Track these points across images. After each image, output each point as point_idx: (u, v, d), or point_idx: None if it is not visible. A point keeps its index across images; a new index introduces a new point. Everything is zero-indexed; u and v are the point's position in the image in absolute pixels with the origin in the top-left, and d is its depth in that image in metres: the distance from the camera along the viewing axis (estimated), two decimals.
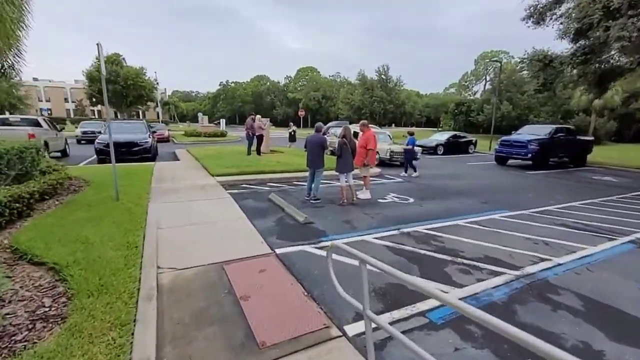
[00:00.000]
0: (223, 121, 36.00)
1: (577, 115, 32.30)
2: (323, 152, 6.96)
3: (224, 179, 8.60)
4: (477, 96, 54.77)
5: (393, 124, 60.79)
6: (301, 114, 36.46)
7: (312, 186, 6.99)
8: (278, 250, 4.32)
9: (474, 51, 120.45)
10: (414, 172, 10.84)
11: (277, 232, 5.05)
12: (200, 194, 7.01)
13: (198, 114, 43.79)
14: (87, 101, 45.80)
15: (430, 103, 77.12)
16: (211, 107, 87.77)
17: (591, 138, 17.32)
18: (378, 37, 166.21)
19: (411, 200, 7.52)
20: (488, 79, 60.92)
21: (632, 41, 9.70)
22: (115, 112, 43.57)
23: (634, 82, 25.05)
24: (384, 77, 50.38)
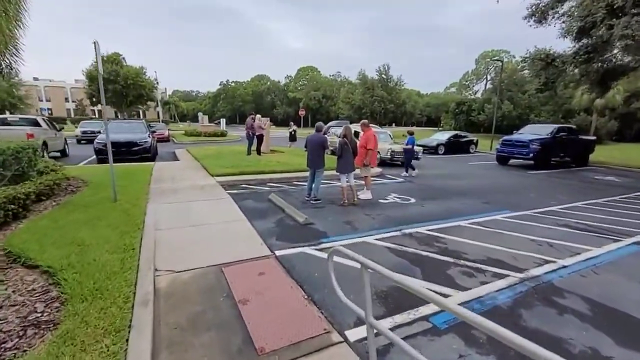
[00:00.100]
0: (223, 121, 35.96)
1: (579, 114, 32.21)
2: (323, 152, 6.88)
3: (224, 179, 8.53)
4: (478, 95, 54.61)
5: (394, 124, 60.71)
6: (301, 114, 36.29)
7: (313, 186, 6.91)
8: (278, 252, 4.25)
9: (475, 51, 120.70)
10: (413, 171, 10.80)
11: (277, 234, 4.98)
12: (199, 195, 6.94)
13: (198, 114, 43.74)
14: (88, 101, 45.75)
15: (430, 102, 77.00)
16: (211, 107, 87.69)
17: (593, 138, 17.25)
18: (378, 37, 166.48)
19: (412, 200, 7.45)
20: (489, 79, 60.79)
21: (636, 40, 9.60)
22: (115, 112, 43.50)
23: (636, 82, 25.01)
24: (385, 77, 50.27)
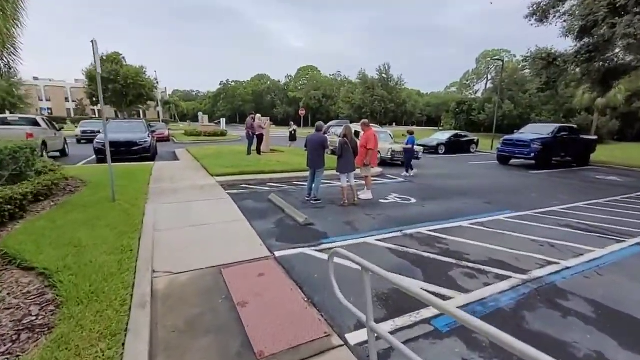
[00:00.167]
0: (223, 120, 35.93)
1: (579, 114, 32.12)
2: (324, 152, 6.84)
3: (224, 179, 8.49)
4: (479, 95, 54.49)
5: (394, 123, 60.59)
6: (302, 113, 36.21)
7: (313, 186, 6.86)
8: (277, 253, 4.20)
9: (475, 51, 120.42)
10: (411, 171, 10.75)
11: (277, 234, 4.93)
12: (199, 195, 6.90)
13: (198, 113, 43.71)
14: (88, 100, 45.72)
15: (431, 102, 76.82)
16: (212, 107, 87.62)
17: (594, 137, 17.18)
18: (378, 37, 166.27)
19: (413, 200, 7.40)
20: (489, 78, 60.58)
21: (638, 39, 9.54)
22: (115, 112, 43.45)
23: (637, 81, 24.92)
24: (385, 76, 50.19)
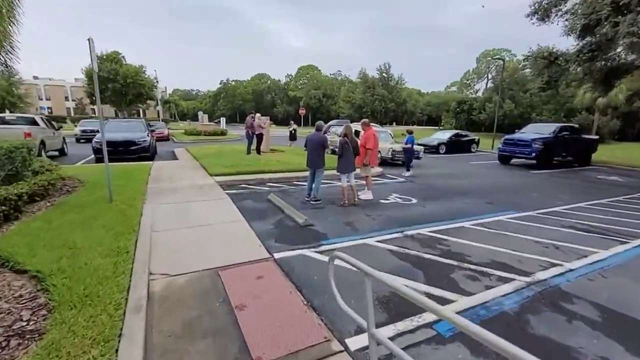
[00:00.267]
0: (223, 119, 35.87)
1: (580, 113, 32.01)
2: (324, 152, 6.77)
3: (223, 179, 8.42)
4: (479, 94, 54.34)
5: (394, 123, 60.40)
6: (302, 113, 36.09)
7: (313, 186, 6.80)
8: (276, 254, 4.14)
9: (475, 51, 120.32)
10: (407, 172, 10.63)
11: (276, 235, 4.86)
12: (197, 195, 6.83)
13: (198, 113, 43.56)
14: (87, 100, 45.65)
15: (431, 101, 76.62)
16: (212, 106, 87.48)
17: (596, 137, 17.10)
18: (378, 37, 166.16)
19: (414, 200, 7.33)
20: (490, 77, 60.42)
21: None
22: (115, 111, 43.36)
23: (639, 80, 24.78)
24: (385, 75, 50.14)
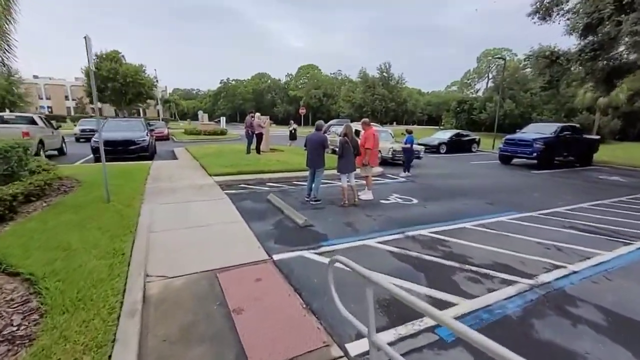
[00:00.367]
0: (223, 119, 35.79)
1: (581, 113, 31.91)
2: (323, 151, 6.70)
3: (222, 179, 8.35)
4: (480, 94, 54.19)
5: (395, 122, 60.27)
6: (302, 112, 36.00)
7: (313, 186, 6.73)
8: (275, 256, 4.07)
9: (475, 51, 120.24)
10: (403, 173, 10.51)
11: (275, 236, 4.80)
12: (196, 195, 6.76)
13: (198, 112, 43.45)
14: (87, 99, 45.57)
15: (432, 101, 76.45)
16: (212, 105, 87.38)
17: (597, 137, 17.01)
18: (379, 37, 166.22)
19: (415, 201, 7.26)
20: (490, 77, 60.24)
21: None
22: (115, 110, 43.29)
23: None
24: (386, 75, 50.01)
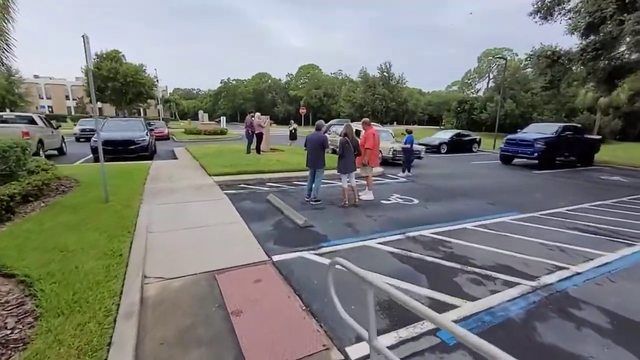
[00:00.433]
0: (223, 119, 35.76)
1: (582, 113, 31.83)
2: (324, 152, 6.65)
3: (222, 179, 8.31)
4: (480, 94, 54.06)
5: (395, 122, 60.17)
6: (302, 112, 35.91)
7: (313, 187, 6.69)
8: (275, 257, 4.03)
9: (475, 51, 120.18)
10: (402, 173, 10.45)
11: (275, 237, 4.76)
12: (196, 195, 6.72)
13: (199, 112, 43.43)
14: (88, 98, 45.50)
15: (432, 101, 76.29)
16: (212, 105, 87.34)
17: (598, 137, 16.95)
18: (379, 36, 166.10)
19: (416, 201, 7.21)
20: (491, 77, 60.10)
21: None
22: (115, 110, 43.29)
23: None
24: (386, 75, 49.92)
